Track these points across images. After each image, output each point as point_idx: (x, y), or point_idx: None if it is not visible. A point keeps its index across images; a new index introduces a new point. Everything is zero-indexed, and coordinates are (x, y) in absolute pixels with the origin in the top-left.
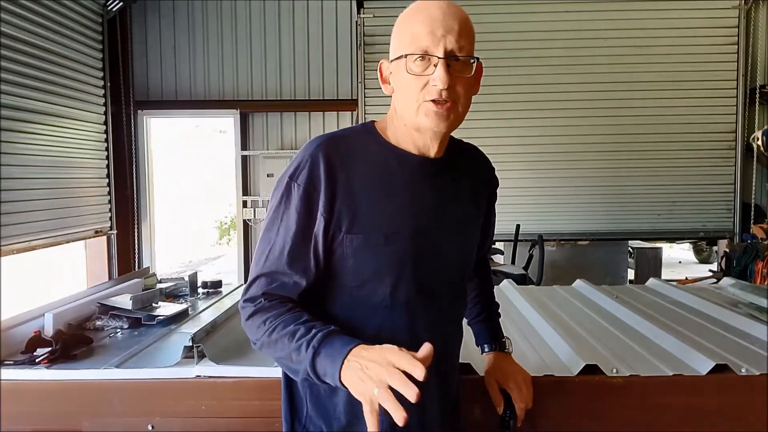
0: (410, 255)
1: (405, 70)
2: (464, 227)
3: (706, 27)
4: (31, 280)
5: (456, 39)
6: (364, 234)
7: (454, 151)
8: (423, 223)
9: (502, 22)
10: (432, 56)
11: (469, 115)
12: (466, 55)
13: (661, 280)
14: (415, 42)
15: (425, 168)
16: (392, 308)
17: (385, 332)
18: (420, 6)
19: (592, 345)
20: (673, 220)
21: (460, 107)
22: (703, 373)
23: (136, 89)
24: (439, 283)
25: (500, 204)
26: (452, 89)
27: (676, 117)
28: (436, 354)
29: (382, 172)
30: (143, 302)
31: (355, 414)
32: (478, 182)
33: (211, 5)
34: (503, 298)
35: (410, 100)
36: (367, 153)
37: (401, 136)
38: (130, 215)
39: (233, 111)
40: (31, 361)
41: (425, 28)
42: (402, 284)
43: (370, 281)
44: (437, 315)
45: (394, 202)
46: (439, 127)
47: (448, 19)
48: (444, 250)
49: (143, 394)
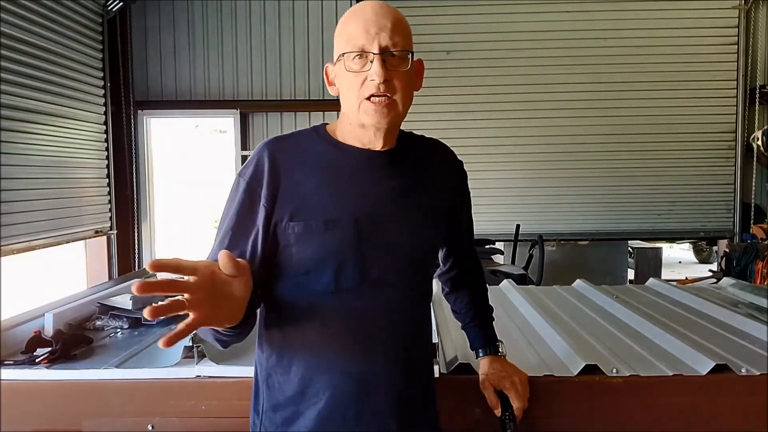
0: (352, 242)
1: (345, 69)
2: (420, 216)
3: (706, 27)
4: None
5: (389, 36)
6: (305, 221)
7: (409, 144)
8: (366, 211)
9: (502, 21)
10: (368, 53)
11: (470, 115)
12: (401, 50)
13: (661, 280)
14: (351, 41)
15: (370, 160)
16: (336, 295)
17: (330, 319)
18: (355, 9)
19: (592, 345)
20: (673, 220)
21: (399, 102)
22: (703, 373)
23: (136, 89)
24: (389, 271)
25: (500, 204)
26: (390, 83)
27: (676, 117)
28: (384, 342)
29: (325, 166)
30: (143, 302)
31: (297, 408)
32: (437, 173)
33: (212, 5)
34: (503, 298)
35: (352, 97)
36: (312, 150)
37: (348, 133)
38: (130, 215)
39: (233, 111)
40: (31, 361)
41: (360, 28)
42: (345, 271)
43: (313, 268)
44: (386, 304)
45: (336, 192)
46: (381, 123)
47: (381, 18)
48: (393, 238)
49: (143, 394)
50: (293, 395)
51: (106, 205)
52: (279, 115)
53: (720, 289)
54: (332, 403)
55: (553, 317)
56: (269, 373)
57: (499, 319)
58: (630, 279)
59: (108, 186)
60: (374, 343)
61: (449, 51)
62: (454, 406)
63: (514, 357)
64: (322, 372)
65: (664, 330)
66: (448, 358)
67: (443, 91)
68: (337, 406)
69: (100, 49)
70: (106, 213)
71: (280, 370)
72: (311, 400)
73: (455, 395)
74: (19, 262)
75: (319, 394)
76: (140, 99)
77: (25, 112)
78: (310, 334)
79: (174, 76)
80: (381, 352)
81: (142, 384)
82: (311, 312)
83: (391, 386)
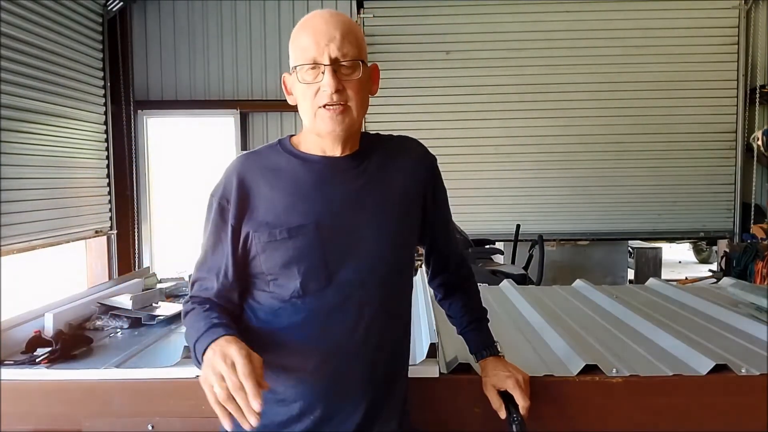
0: (317, 246)
1: (299, 81)
2: (385, 215)
3: (706, 27)
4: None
5: (338, 46)
6: (269, 230)
7: (373, 146)
8: (329, 216)
9: (502, 21)
10: (320, 64)
11: (470, 115)
12: (351, 59)
13: (661, 280)
14: (304, 53)
15: (332, 166)
16: (304, 300)
17: (301, 324)
18: (306, 19)
19: (592, 345)
20: (673, 220)
21: (354, 108)
22: (703, 373)
23: (136, 89)
24: (355, 273)
25: (500, 204)
26: (342, 92)
27: (676, 117)
28: (358, 342)
29: (287, 177)
30: (143, 302)
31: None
32: (403, 171)
33: (212, 5)
34: (503, 298)
35: (307, 107)
36: (276, 163)
37: (310, 143)
38: (130, 215)
39: (233, 111)
40: (31, 361)
41: (311, 40)
42: (312, 276)
43: (281, 275)
44: (357, 307)
45: (299, 201)
46: (336, 130)
47: (331, 29)
48: (357, 240)
49: (143, 394)
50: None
51: (106, 205)
52: (279, 115)
53: (720, 289)
54: (303, 408)
55: (553, 317)
56: None
57: (499, 319)
58: (630, 279)
59: (108, 186)
60: (342, 344)
61: (449, 51)
62: (454, 406)
63: (514, 357)
64: (293, 375)
65: (664, 330)
66: (448, 358)
67: (443, 91)
68: (307, 410)
69: (100, 49)
70: (106, 213)
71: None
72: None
73: (455, 395)
74: (19, 262)
75: (290, 398)
76: (140, 99)
77: (25, 112)
78: (278, 338)
79: (174, 76)
80: (348, 355)
81: (142, 384)
82: (281, 316)
83: (360, 386)
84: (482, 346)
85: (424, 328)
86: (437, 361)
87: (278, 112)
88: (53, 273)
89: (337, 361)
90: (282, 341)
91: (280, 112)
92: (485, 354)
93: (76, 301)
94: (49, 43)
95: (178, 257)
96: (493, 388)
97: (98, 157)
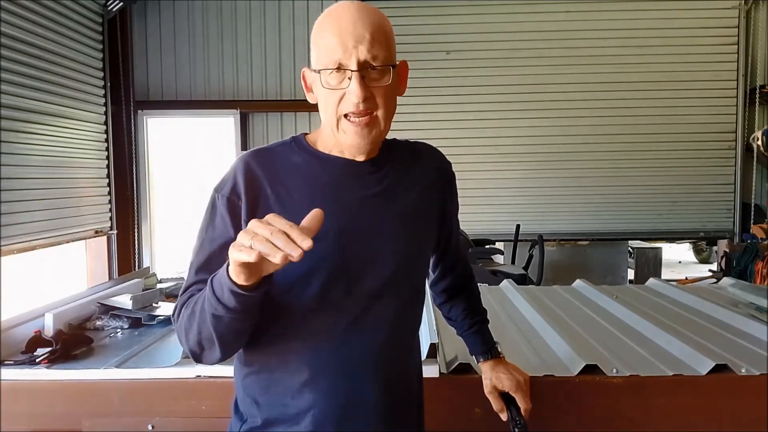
0: (337, 254)
1: (321, 85)
2: (405, 223)
3: (706, 27)
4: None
5: (368, 48)
6: None
7: (392, 151)
8: (350, 223)
9: (502, 21)
10: (346, 69)
11: (470, 115)
12: (382, 64)
13: (661, 280)
14: (328, 55)
15: (353, 169)
16: (321, 310)
17: (316, 334)
18: (332, 13)
19: (592, 345)
20: (673, 220)
21: (382, 118)
22: (703, 373)
23: (136, 89)
24: (375, 283)
25: (500, 204)
26: (370, 100)
27: (676, 117)
28: (374, 358)
29: (305, 179)
30: (143, 302)
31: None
32: (422, 178)
33: (212, 5)
34: (503, 298)
35: (330, 114)
36: (291, 162)
37: (328, 142)
38: (130, 215)
39: (233, 111)
40: (32, 361)
41: (337, 40)
42: (331, 285)
43: (297, 283)
44: (375, 317)
45: (317, 205)
46: (361, 145)
47: (359, 28)
48: (378, 248)
49: (143, 394)
50: (273, 418)
51: (106, 205)
52: (279, 115)
53: (720, 289)
54: (314, 424)
55: (553, 317)
56: (247, 394)
57: (499, 319)
58: (630, 279)
59: (108, 186)
60: (359, 359)
61: (449, 51)
62: (454, 406)
63: (514, 357)
64: (305, 392)
65: (664, 330)
66: (448, 358)
67: (443, 91)
68: (319, 427)
69: (100, 49)
70: (106, 213)
71: (259, 390)
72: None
73: (455, 395)
74: (19, 262)
75: (300, 415)
76: (140, 99)
77: (25, 112)
78: (291, 353)
79: (174, 76)
80: (365, 369)
81: (142, 384)
82: (295, 326)
83: (375, 405)
84: (483, 348)
85: (425, 328)
86: (437, 361)
87: (278, 112)
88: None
89: (352, 379)
90: (291, 358)
91: (280, 113)
92: (487, 356)
93: (76, 301)
94: (49, 43)
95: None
96: (495, 391)
97: (98, 157)
